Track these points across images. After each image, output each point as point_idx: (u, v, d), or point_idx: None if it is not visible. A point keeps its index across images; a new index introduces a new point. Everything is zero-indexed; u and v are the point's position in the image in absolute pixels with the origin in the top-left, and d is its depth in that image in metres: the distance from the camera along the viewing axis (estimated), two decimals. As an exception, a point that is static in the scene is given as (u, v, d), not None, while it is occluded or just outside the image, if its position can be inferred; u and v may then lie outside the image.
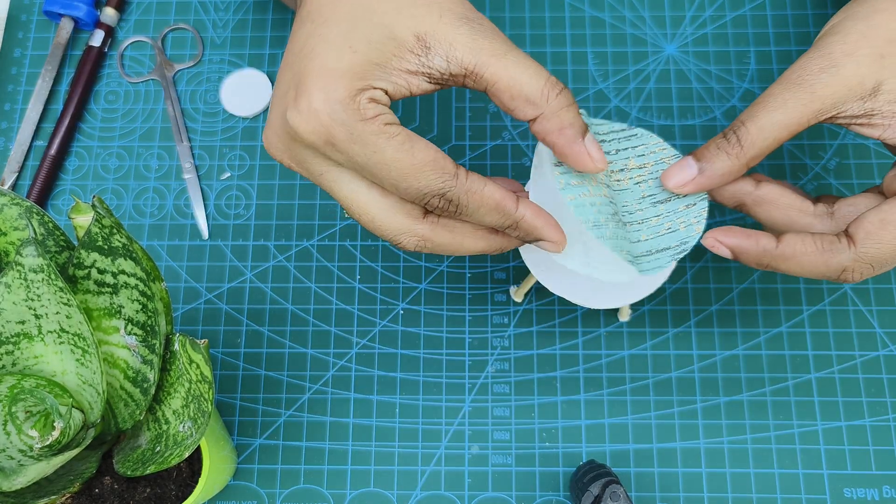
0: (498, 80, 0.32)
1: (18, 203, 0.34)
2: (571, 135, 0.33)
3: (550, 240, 0.35)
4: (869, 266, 0.34)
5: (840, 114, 0.35)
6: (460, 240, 0.35)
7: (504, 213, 0.34)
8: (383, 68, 0.32)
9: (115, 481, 0.39)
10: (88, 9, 0.55)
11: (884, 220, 0.34)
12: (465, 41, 0.32)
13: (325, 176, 0.33)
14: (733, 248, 0.36)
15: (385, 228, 0.34)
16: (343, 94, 0.31)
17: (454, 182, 0.32)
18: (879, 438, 0.46)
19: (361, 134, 0.31)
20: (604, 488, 0.40)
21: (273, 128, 0.34)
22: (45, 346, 0.32)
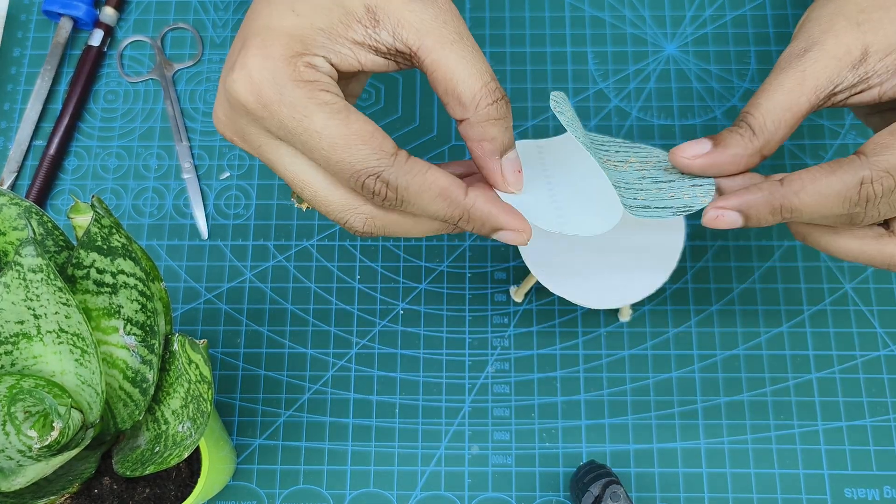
0: (436, 70, 0.31)
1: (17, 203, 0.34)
2: (489, 150, 0.32)
3: (510, 228, 0.32)
4: (888, 174, 0.31)
5: (837, 88, 0.34)
6: (410, 215, 0.32)
7: (451, 200, 0.31)
8: (328, 35, 0.30)
9: (115, 482, 0.38)
10: (88, 8, 0.54)
11: (893, 131, 0.32)
12: (413, 21, 0.30)
13: (264, 148, 0.31)
14: (739, 206, 0.33)
15: (329, 205, 0.31)
16: (278, 53, 0.29)
17: (391, 161, 0.30)
18: (880, 439, 0.46)
19: (291, 96, 0.29)
20: (604, 488, 0.40)
21: (218, 100, 0.32)
22: (44, 346, 0.32)
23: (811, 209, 0.32)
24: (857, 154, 0.32)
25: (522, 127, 0.53)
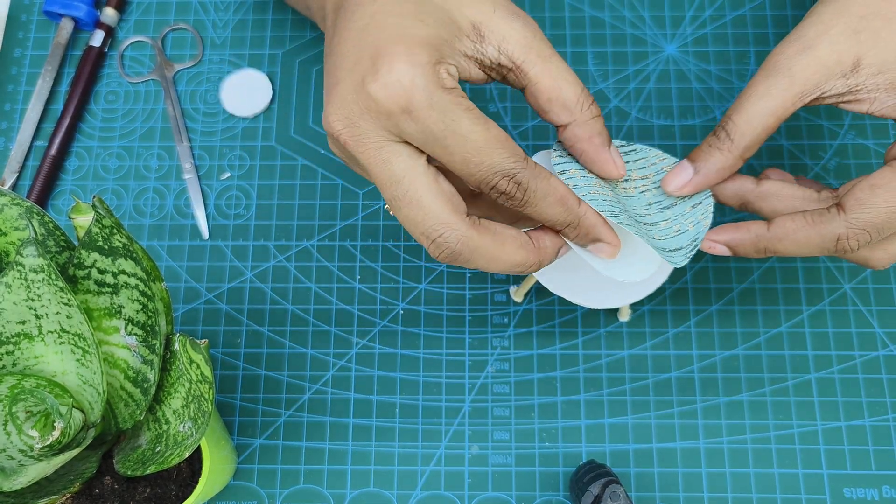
0: (539, 81, 0.33)
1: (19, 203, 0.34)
2: (599, 143, 0.35)
3: (609, 241, 0.35)
4: (864, 231, 0.34)
5: (824, 94, 0.35)
6: (500, 245, 0.33)
7: (567, 207, 0.33)
8: (451, 46, 0.32)
9: (116, 481, 0.39)
10: (88, 9, 0.55)
11: (873, 185, 0.34)
12: (518, 37, 0.33)
13: (384, 150, 0.32)
14: (728, 242, 0.37)
15: (428, 214, 0.32)
16: (425, 60, 0.31)
17: (524, 164, 0.32)
18: (879, 438, 0.46)
19: (441, 101, 0.30)
20: (604, 488, 0.40)
21: (340, 101, 0.32)
22: (46, 347, 0.32)
23: (790, 253, 0.36)
24: (837, 208, 0.34)
25: (522, 127, 0.53)
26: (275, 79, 0.54)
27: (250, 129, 0.53)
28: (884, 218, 0.34)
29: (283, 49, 0.55)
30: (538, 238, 0.35)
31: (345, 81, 0.32)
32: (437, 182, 0.32)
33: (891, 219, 0.34)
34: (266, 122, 0.53)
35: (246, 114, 0.53)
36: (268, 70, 0.55)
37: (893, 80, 0.34)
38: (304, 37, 0.55)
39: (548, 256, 0.35)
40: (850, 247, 0.34)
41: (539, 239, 0.34)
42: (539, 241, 0.34)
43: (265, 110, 0.54)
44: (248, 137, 0.53)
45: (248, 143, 0.53)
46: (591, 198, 0.35)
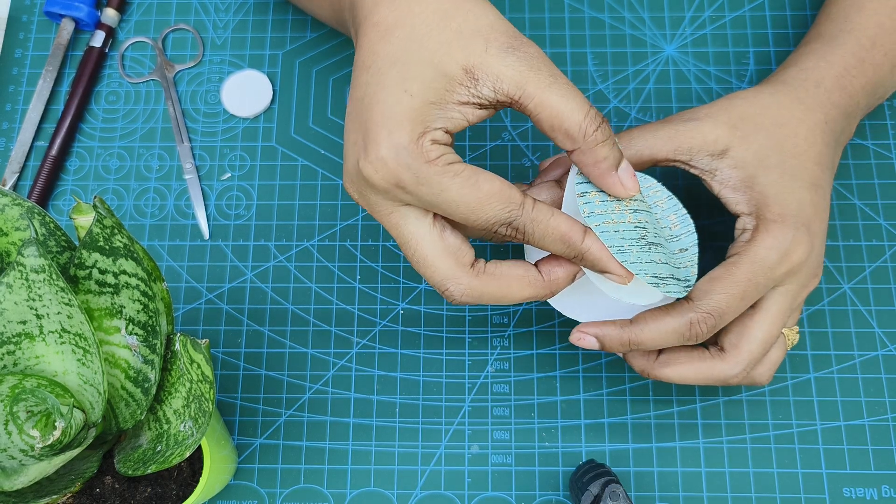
0: (540, 112, 0.34)
1: (20, 203, 0.34)
2: (605, 168, 0.35)
3: (615, 272, 0.36)
4: (709, 315, 0.38)
5: (692, 161, 0.41)
6: (506, 287, 0.36)
7: (569, 244, 0.35)
8: (439, 106, 0.33)
9: (116, 481, 0.39)
10: (89, 9, 0.55)
11: (711, 278, 0.39)
12: (511, 73, 0.33)
13: (393, 215, 0.35)
14: (596, 335, 0.40)
15: (434, 270, 0.35)
16: (406, 140, 0.33)
17: (520, 211, 0.34)
18: (878, 438, 0.46)
19: (427, 175, 0.33)
20: (603, 488, 0.40)
21: (349, 174, 0.35)
22: (47, 346, 0.32)
23: (652, 341, 0.39)
24: (686, 299, 0.39)
25: (522, 128, 0.53)
26: (275, 79, 0.54)
27: (251, 129, 0.53)
28: (723, 303, 0.38)
29: (284, 49, 0.55)
30: (549, 270, 0.37)
31: (349, 158, 0.35)
32: (443, 238, 0.35)
33: (729, 304, 0.38)
34: (266, 122, 0.53)
35: (246, 114, 0.53)
36: (268, 70, 0.55)
37: (741, 179, 0.40)
38: (305, 37, 0.55)
39: (559, 286, 0.37)
40: (701, 330, 0.38)
41: (551, 271, 0.37)
42: (550, 273, 0.37)
43: (265, 111, 0.54)
44: (248, 138, 0.53)
45: (249, 144, 0.53)
46: (602, 229, 0.36)
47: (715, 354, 0.40)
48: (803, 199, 0.40)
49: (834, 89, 0.43)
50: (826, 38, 0.45)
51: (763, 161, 0.40)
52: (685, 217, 0.40)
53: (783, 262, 0.39)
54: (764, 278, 0.39)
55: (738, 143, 0.40)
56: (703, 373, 0.40)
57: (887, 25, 0.45)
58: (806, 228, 0.39)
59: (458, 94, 0.33)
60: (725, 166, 0.40)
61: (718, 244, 0.50)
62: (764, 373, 0.42)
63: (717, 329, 0.39)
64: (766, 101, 0.42)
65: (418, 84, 0.33)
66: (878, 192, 0.51)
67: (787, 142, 0.40)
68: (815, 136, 0.41)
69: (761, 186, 0.40)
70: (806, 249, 0.39)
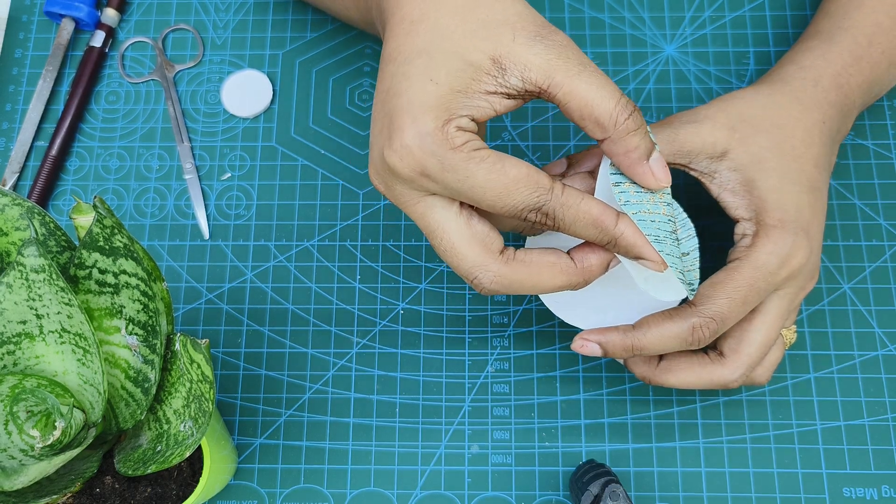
0: (570, 101, 0.33)
1: (20, 203, 0.34)
2: (636, 157, 0.35)
3: (651, 258, 0.35)
4: (711, 320, 0.38)
5: (692, 164, 0.40)
6: (537, 275, 0.35)
7: (602, 228, 0.34)
8: (465, 94, 0.33)
9: (116, 481, 0.39)
10: (89, 9, 0.55)
11: (713, 283, 0.39)
12: (539, 62, 0.33)
13: (419, 205, 0.34)
14: (599, 341, 0.40)
15: (462, 259, 0.34)
16: (431, 127, 0.32)
17: (549, 196, 0.33)
18: (878, 438, 0.46)
19: (452, 162, 0.32)
20: (603, 487, 0.40)
21: (374, 165, 0.35)
22: (47, 346, 0.32)
23: (654, 346, 0.39)
24: (688, 303, 0.39)
25: (522, 127, 0.53)
26: (275, 79, 0.54)
27: (251, 129, 0.53)
28: (725, 308, 0.38)
29: (284, 49, 0.55)
30: (583, 257, 0.36)
31: (374, 148, 0.35)
32: (470, 226, 0.34)
33: (731, 308, 0.38)
34: (266, 122, 0.53)
35: (246, 114, 0.53)
36: (268, 70, 0.55)
37: (740, 182, 0.40)
38: (305, 37, 0.55)
39: (594, 273, 0.36)
40: (703, 335, 0.38)
41: (584, 258, 0.36)
42: (584, 260, 0.36)
43: (266, 111, 0.54)
44: (248, 138, 0.53)
45: (249, 144, 0.53)
46: (639, 217, 0.35)
47: (715, 359, 0.40)
48: (802, 203, 0.40)
49: (831, 88, 0.43)
50: (824, 36, 0.45)
51: (762, 164, 0.40)
52: (686, 221, 0.40)
53: (783, 266, 0.39)
54: (765, 283, 0.39)
55: (737, 146, 0.40)
56: (703, 378, 0.40)
57: (885, 24, 0.45)
58: (805, 232, 0.39)
59: (486, 84, 0.33)
60: (724, 168, 0.40)
61: (718, 244, 0.50)
62: (763, 373, 0.42)
63: (719, 334, 0.39)
64: (765, 102, 0.42)
65: (444, 73, 0.33)
66: (878, 192, 0.51)
67: (786, 144, 0.40)
68: (812, 136, 0.41)
69: (760, 191, 0.40)
70: (805, 254, 0.39)
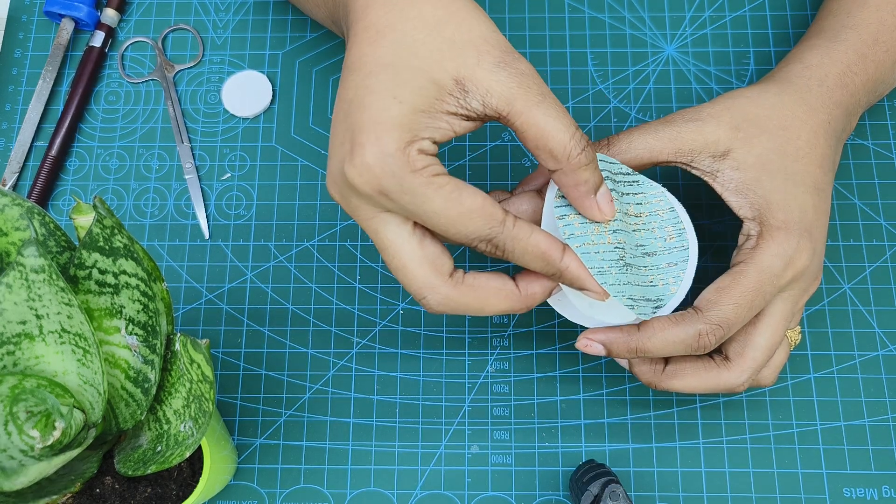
0: (527, 130, 0.34)
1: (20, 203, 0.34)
2: (584, 191, 0.36)
3: (593, 289, 0.36)
4: (718, 327, 0.38)
5: (693, 163, 0.40)
6: (484, 299, 0.36)
7: (548, 262, 0.35)
8: (428, 115, 0.33)
9: (116, 481, 0.39)
10: (89, 9, 0.55)
11: (719, 288, 0.39)
12: (501, 89, 0.33)
13: (374, 220, 0.35)
14: (603, 341, 0.39)
15: (412, 279, 0.35)
16: (393, 148, 0.32)
17: (501, 229, 0.34)
18: (879, 438, 0.46)
19: (411, 185, 0.32)
20: (603, 487, 0.40)
21: (332, 176, 0.35)
22: (47, 347, 0.32)
23: (659, 350, 0.39)
24: (694, 309, 0.39)
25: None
26: (275, 79, 0.54)
27: (251, 129, 0.53)
28: (731, 314, 0.38)
29: (284, 50, 0.55)
30: (527, 284, 0.37)
31: (333, 159, 0.35)
32: (422, 247, 0.35)
33: (737, 314, 0.38)
34: (266, 122, 0.53)
35: (246, 114, 0.53)
36: (268, 70, 0.55)
37: (744, 181, 0.40)
38: (305, 37, 0.55)
39: (535, 300, 0.37)
40: (709, 341, 0.38)
41: (528, 285, 0.37)
42: (528, 287, 0.37)
43: (265, 111, 0.54)
44: (248, 138, 0.53)
45: (249, 144, 0.53)
46: (583, 250, 0.36)
47: (720, 364, 0.40)
48: (806, 204, 0.40)
49: (836, 87, 0.43)
50: (828, 35, 0.45)
51: (766, 165, 0.40)
52: (682, 232, 0.40)
53: (788, 268, 0.39)
54: (770, 286, 0.39)
55: (741, 146, 0.40)
56: (709, 383, 0.40)
57: (889, 22, 0.44)
58: (809, 234, 0.39)
59: (447, 104, 0.33)
60: (727, 168, 0.40)
61: (719, 244, 0.50)
62: (769, 375, 0.42)
63: (725, 339, 0.39)
64: (771, 102, 0.41)
65: (408, 91, 0.33)
66: (878, 192, 0.51)
67: (790, 145, 0.40)
68: (817, 137, 0.41)
69: (764, 191, 0.40)
70: (809, 255, 0.39)
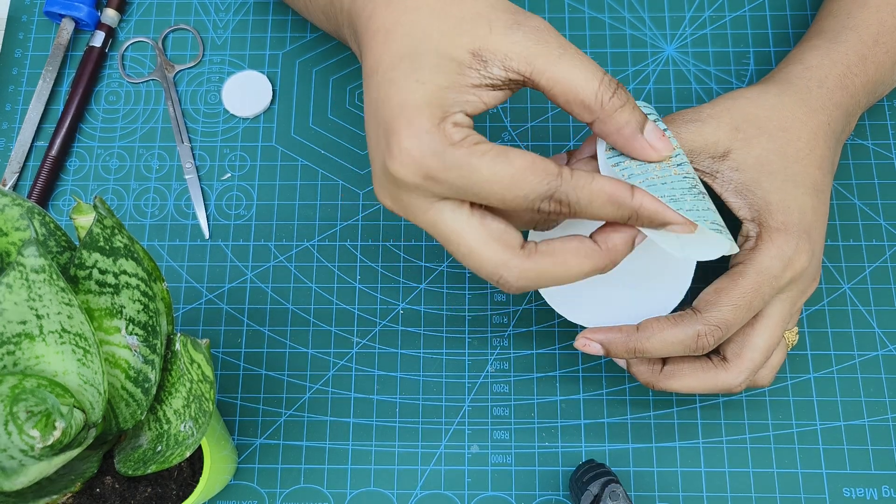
0: (553, 86, 0.33)
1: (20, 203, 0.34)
2: (629, 133, 0.34)
3: (677, 221, 0.34)
4: (717, 328, 0.38)
5: (693, 163, 0.40)
6: (563, 262, 0.34)
7: (620, 204, 0.33)
8: (454, 90, 0.32)
9: (117, 481, 0.39)
10: (89, 9, 0.55)
11: (717, 289, 0.39)
12: (519, 50, 0.32)
13: (430, 212, 0.33)
14: (601, 341, 0.39)
15: (483, 261, 0.33)
16: (427, 126, 0.31)
17: (559, 181, 0.32)
18: (878, 438, 0.46)
19: (455, 159, 0.31)
20: (603, 487, 0.40)
21: (377, 180, 0.34)
22: (47, 347, 0.32)
23: (657, 351, 0.39)
24: (693, 310, 0.39)
25: (522, 127, 0.53)
26: (275, 79, 0.54)
27: (251, 129, 0.53)
28: (730, 315, 0.38)
29: (284, 50, 0.55)
30: (605, 239, 0.35)
31: (375, 162, 0.34)
32: (484, 226, 0.33)
33: (736, 315, 0.38)
34: (267, 122, 0.54)
35: (246, 114, 0.53)
36: (268, 71, 0.55)
37: (743, 182, 0.40)
38: (305, 38, 0.55)
39: (620, 253, 0.35)
40: (708, 342, 0.38)
41: (607, 239, 0.35)
42: (607, 241, 0.35)
43: (266, 111, 0.54)
44: (248, 138, 0.53)
45: (249, 144, 0.53)
46: (649, 184, 0.34)
47: (718, 364, 0.40)
48: (805, 206, 0.40)
49: (836, 89, 0.43)
50: (829, 35, 0.45)
51: (765, 166, 0.40)
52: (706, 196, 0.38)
53: (787, 270, 0.39)
54: (769, 288, 0.39)
55: (740, 146, 0.40)
56: (707, 383, 0.40)
57: (889, 23, 0.44)
58: (808, 235, 0.39)
59: (470, 78, 0.32)
60: (727, 168, 0.40)
61: (718, 244, 0.50)
62: (766, 375, 0.42)
63: (723, 340, 0.39)
64: (771, 103, 0.41)
65: (428, 72, 0.32)
66: (878, 192, 0.51)
67: (790, 146, 0.40)
68: (817, 139, 0.41)
69: (763, 193, 0.39)
70: (808, 257, 0.39)
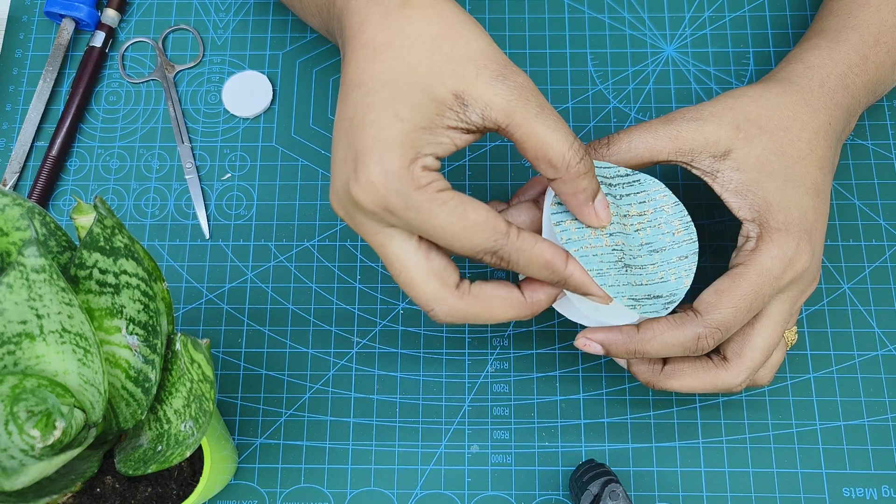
0: (526, 141, 0.34)
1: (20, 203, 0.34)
2: (583, 199, 0.36)
3: (597, 294, 0.37)
4: (717, 330, 0.38)
5: (693, 162, 0.41)
6: (490, 309, 0.36)
7: (553, 271, 0.36)
8: (429, 131, 0.33)
9: (117, 480, 0.39)
10: (89, 10, 0.55)
11: (718, 291, 0.39)
12: (500, 102, 0.34)
13: (379, 235, 0.35)
14: (602, 341, 0.40)
15: (420, 292, 0.35)
16: (397, 166, 0.33)
17: (505, 241, 0.34)
18: (878, 438, 0.46)
19: (416, 202, 0.33)
20: (603, 487, 0.40)
21: (336, 193, 0.35)
22: (47, 346, 0.32)
23: (657, 352, 0.39)
24: (693, 311, 0.39)
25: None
26: (275, 79, 0.54)
27: (251, 129, 0.53)
28: (730, 316, 0.38)
29: (284, 50, 0.55)
30: (532, 292, 0.37)
31: (338, 177, 0.35)
32: (428, 260, 0.35)
33: (736, 317, 0.38)
34: (267, 122, 0.54)
35: (247, 114, 0.53)
36: (268, 71, 0.55)
37: (743, 182, 0.40)
38: (305, 38, 0.56)
39: (541, 307, 0.38)
40: (708, 344, 0.38)
41: (533, 293, 0.37)
42: (532, 294, 0.37)
43: (266, 111, 0.54)
44: (248, 138, 0.53)
45: (249, 144, 0.53)
46: (581, 253, 0.37)
47: (718, 364, 0.40)
48: (805, 206, 0.40)
49: (837, 88, 0.43)
50: (830, 35, 0.45)
51: (766, 166, 0.40)
52: (689, 224, 0.40)
53: (787, 271, 0.39)
54: (769, 288, 0.39)
55: (741, 146, 0.40)
56: (707, 383, 0.40)
57: (890, 22, 0.44)
58: (808, 236, 0.39)
59: (448, 119, 0.34)
60: (727, 168, 0.40)
61: (717, 244, 0.50)
62: (766, 375, 0.42)
63: (723, 341, 0.39)
64: (773, 102, 0.41)
65: (409, 109, 0.33)
66: (878, 192, 0.51)
67: (791, 146, 0.40)
68: (818, 139, 0.41)
69: (764, 193, 0.40)
70: (808, 257, 0.39)
